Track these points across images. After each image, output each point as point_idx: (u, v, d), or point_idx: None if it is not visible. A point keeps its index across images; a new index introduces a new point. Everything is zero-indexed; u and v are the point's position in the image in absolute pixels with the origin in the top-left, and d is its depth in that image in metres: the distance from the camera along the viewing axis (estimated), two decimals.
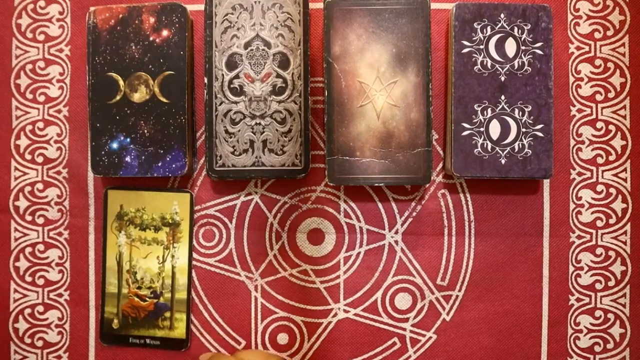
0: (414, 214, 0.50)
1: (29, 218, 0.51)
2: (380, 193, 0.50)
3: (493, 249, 0.50)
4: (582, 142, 0.49)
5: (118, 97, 0.47)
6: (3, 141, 0.51)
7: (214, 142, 0.47)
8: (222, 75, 0.47)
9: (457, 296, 0.50)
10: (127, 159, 0.47)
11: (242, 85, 0.47)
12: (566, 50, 0.49)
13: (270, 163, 0.47)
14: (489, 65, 0.46)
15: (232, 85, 0.47)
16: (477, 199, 0.50)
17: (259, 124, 0.47)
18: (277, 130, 0.47)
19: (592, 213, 0.49)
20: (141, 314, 0.50)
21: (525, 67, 0.46)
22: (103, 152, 0.47)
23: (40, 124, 0.50)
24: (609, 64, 0.49)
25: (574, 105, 0.49)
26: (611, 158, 0.49)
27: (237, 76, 0.47)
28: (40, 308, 0.51)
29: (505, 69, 0.46)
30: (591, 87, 0.49)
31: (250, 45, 0.47)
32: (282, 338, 0.50)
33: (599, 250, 0.49)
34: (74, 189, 0.51)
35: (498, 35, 0.46)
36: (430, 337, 0.50)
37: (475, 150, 0.46)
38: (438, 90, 0.49)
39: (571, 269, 0.50)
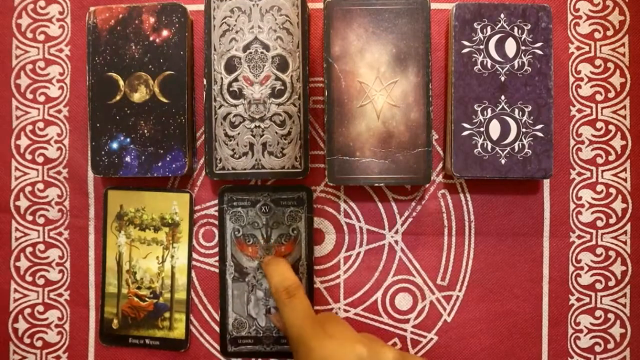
0: (414, 214, 0.50)
1: (29, 218, 0.51)
2: (380, 193, 0.50)
3: (493, 249, 0.50)
4: (582, 142, 0.49)
5: (118, 97, 0.47)
6: (3, 141, 0.51)
7: (214, 145, 0.47)
8: (221, 78, 0.47)
9: (457, 296, 0.50)
10: (127, 159, 0.47)
11: (241, 88, 0.47)
12: (566, 50, 0.49)
13: (270, 166, 0.47)
14: (489, 65, 0.46)
15: (231, 89, 0.47)
16: (477, 199, 0.50)
17: (259, 126, 0.47)
18: (276, 133, 0.47)
19: (592, 213, 0.49)
20: (141, 314, 0.50)
21: (525, 67, 0.46)
22: (103, 152, 0.47)
23: (41, 124, 0.51)
24: (609, 64, 0.49)
25: (574, 105, 0.49)
26: (611, 158, 0.49)
27: (236, 79, 0.47)
28: (40, 308, 0.51)
29: (505, 69, 0.46)
30: (591, 87, 0.49)
31: (249, 48, 0.47)
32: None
33: (599, 250, 0.49)
34: (74, 189, 0.51)
35: (498, 35, 0.46)
36: (432, 339, 0.50)
37: (475, 150, 0.46)
38: (438, 90, 0.49)
39: (571, 268, 0.49)
